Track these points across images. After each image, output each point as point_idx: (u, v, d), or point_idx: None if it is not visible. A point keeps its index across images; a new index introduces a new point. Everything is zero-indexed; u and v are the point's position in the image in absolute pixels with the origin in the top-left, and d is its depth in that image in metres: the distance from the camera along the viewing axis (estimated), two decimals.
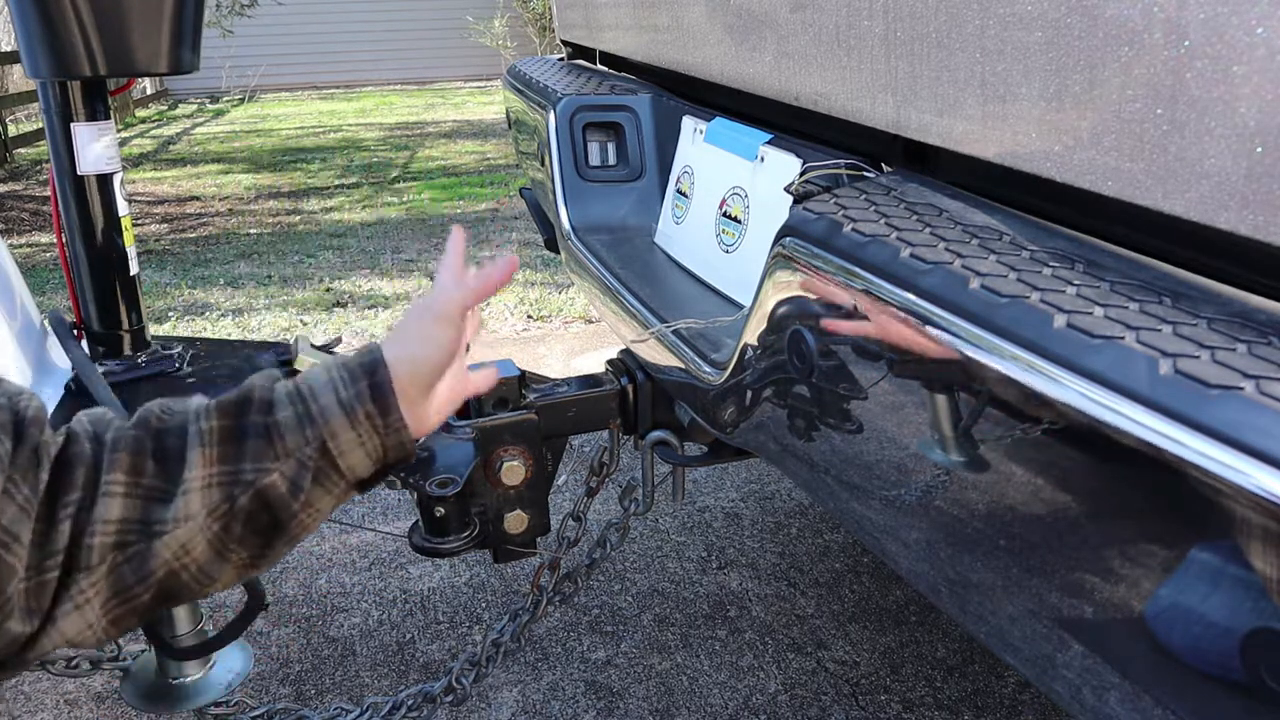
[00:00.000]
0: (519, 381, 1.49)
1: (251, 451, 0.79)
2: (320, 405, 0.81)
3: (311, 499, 0.81)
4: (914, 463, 0.82)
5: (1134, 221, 0.77)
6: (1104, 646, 0.66)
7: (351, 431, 0.81)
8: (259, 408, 0.81)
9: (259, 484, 0.79)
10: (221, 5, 10.98)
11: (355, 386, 0.82)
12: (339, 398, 0.81)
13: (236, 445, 0.79)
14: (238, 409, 0.81)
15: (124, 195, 1.34)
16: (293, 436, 0.80)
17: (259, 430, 0.80)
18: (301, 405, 0.81)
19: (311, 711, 1.60)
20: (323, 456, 0.81)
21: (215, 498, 0.78)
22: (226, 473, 0.79)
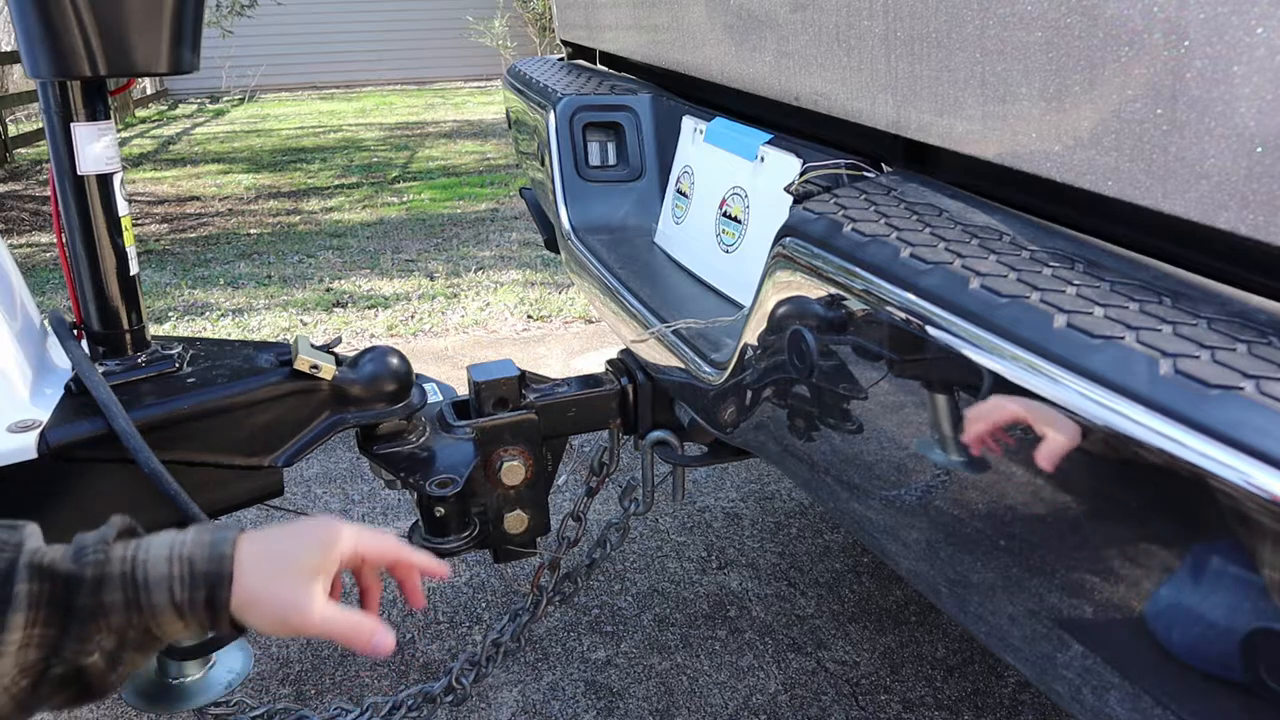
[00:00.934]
0: (519, 381, 1.49)
1: (75, 632, 0.77)
2: (152, 601, 0.79)
3: (128, 663, 0.80)
4: (914, 463, 0.82)
5: (1134, 221, 0.77)
6: (1104, 646, 0.66)
7: (178, 623, 0.80)
8: (90, 588, 0.78)
9: (78, 663, 0.77)
10: (221, 5, 10.98)
11: (191, 594, 0.80)
12: (173, 599, 0.80)
13: (61, 620, 0.77)
14: (68, 585, 0.77)
15: (124, 195, 1.34)
16: (118, 618, 0.78)
17: (86, 613, 0.77)
18: (133, 592, 0.79)
19: (311, 711, 1.60)
20: (145, 634, 0.80)
21: (30, 658, 0.75)
22: (48, 639, 0.76)
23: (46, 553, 0.78)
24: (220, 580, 0.81)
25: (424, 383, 1.55)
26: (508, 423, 1.46)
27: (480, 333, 4.06)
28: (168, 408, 1.28)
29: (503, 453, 1.46)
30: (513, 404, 1.48)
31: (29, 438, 1.17)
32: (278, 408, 1.36)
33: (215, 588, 0.80)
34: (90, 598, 0.77)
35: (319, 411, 1.40)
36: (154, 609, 0.79)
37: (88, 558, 0.79)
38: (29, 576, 0.76)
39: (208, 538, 0.83)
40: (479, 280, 4.71)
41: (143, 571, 0.79)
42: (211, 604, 0.80)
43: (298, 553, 0.85)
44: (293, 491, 2.70)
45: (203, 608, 0.80)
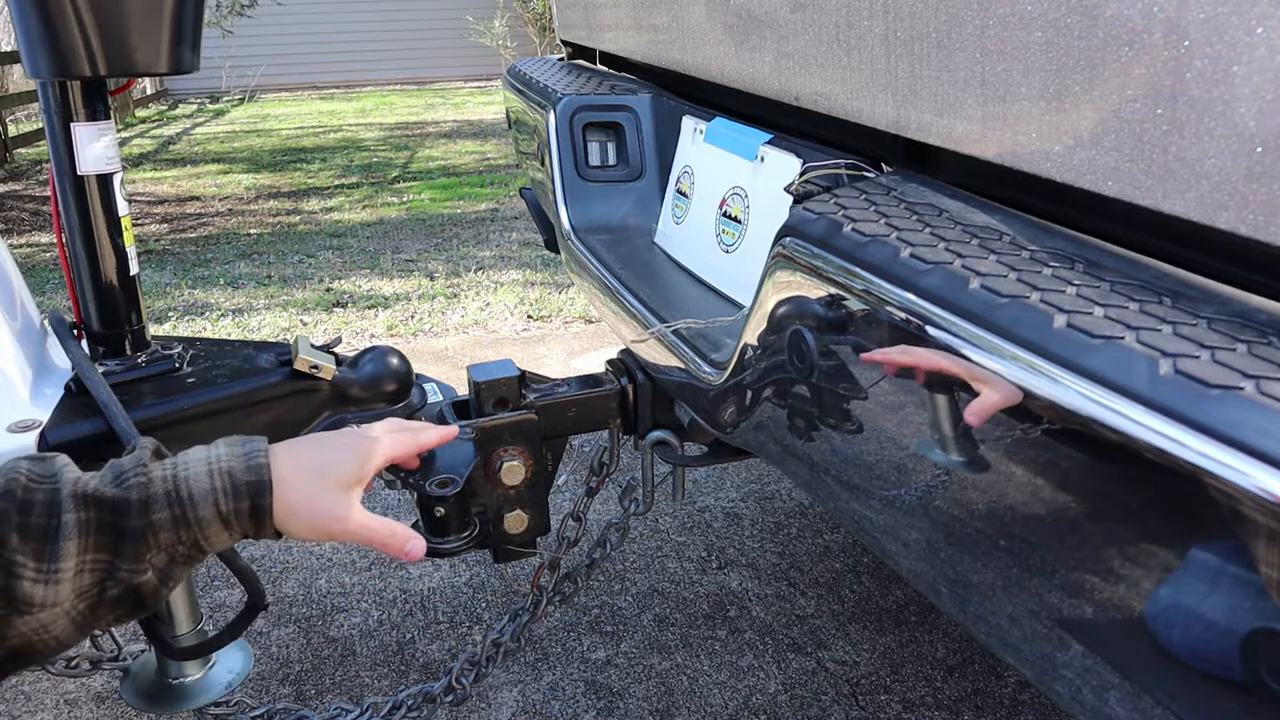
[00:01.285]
0: (519, 381, 1.49)
1: (128, 552, 0.79)
2: (198, 514, 0.82)
3: (178, 576, 0.83)
4: (914, 463, 0.82)
5: (1134, 221, 0.77)
6: (1104, 646, 0.66)
7: (225, 533, 0.83)
8: (137, 509, 0.80)
9: (132, 581, 0.80)
10: (221, 5, 10.98)
11: (236, 504, 0.83)
12: (218, 510, 0.82)
13: (113, 542, 0.79)
14: (115, 509, 0.80)
15: (124, 195, 1.34)
16: (167, 535, 0.81)
17: (136, 533, 0.80)
18: (179, 509, 0.81)
19: (311, 711, 1.60)
20: (192, 547, 0.82)
21: (86, 582, 0.78)
22: (101, 563, 0.78)
23: (88, 480, 0.80)
24: (262, 488, 0.83)
25: (424, 383, 1.55)
26: (508, 423, 1.46)
27: (480, 333, 4.06)
28: (168, 408, 1.28)
29: (503, 453, 1.45)
30: (513, 404, 1.48)
31: (29, 438, 1.17)
32: (278, 408, 1.36)
33: (258, 495, 0.83)
34: (139, 518, 0.80)
35: (319, 411, 1.40)
36: (201, 522, 0.82)
37: (129, 480, 0.81)
38: (74, 506, 0.78)
39: (240, 449, 0.86)
40: (479, 280, 4.71)
41: (186, 488, 0.82)
42: (256, 512, 0.83)
43: (335, 465, 0.89)
44: None
45: (247, 516, 0.83)
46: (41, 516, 0.77)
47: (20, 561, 0.75)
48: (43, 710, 1.93)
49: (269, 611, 2.21)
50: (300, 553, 2.45)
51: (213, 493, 0.82)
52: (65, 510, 0.78)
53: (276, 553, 2.46)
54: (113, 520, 0.79)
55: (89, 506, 0.79)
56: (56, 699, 1.95)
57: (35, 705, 1.94)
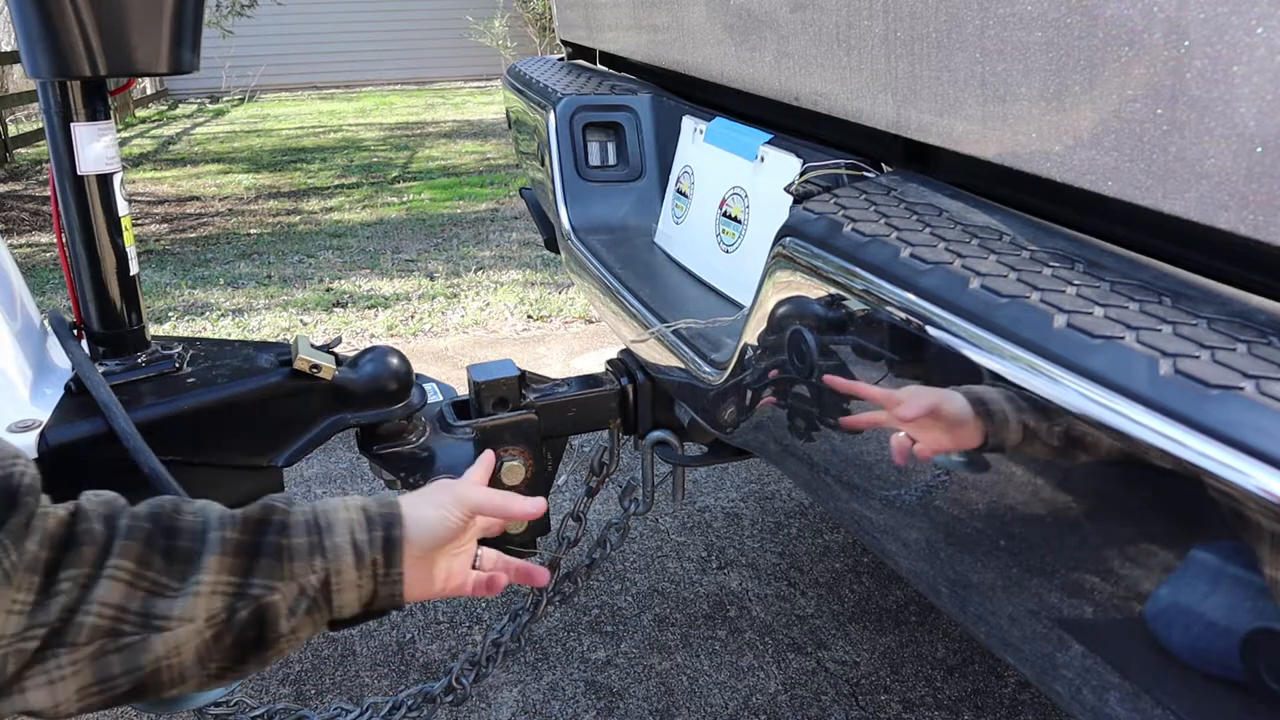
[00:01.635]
0: (519, 381, 1.49)
1: (263, 569, 0.82)
2: (334, 541, 0.85)
3: (297, 627, 0.84)
4: (914, 463, 0.82)
5: (1134, 221, 0.77)
6: (1104, 646, 0.66)
7: (355, 572, 0.85)
8: (276, 528, 0.84)
9: (262, 601, 0.82)
10: (221, 5, 10.98)
11: (370, 533, 0.87)
12: (353, 539, 0.86)
13: (250, 560, 0.82)
14: (257, 526, 0.84)
15: (124, 195, 1.34)
16: (301, 563, 0.83)
17: (273, 549, 0.83)
18: (316, 536, 0.85)
19: (311, 711, 1.60)
20: (321, 589, 0.84)
21: (217, 605, 0.80)
22: (234, 584, 0.81)
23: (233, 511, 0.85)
24: (394, 520, 0.88)
25: (424, 383, 1.55)
26: (508, 423, 1.46)
27: (480, 333, 4.06)
28: (168, 408, 1.28)
29: (503, 453, 1.46)
30: (513, 404, 1.48)
31: (29, 438, 1.17)
32: (278, 408, 1.36)
33: (390, 526, 0.87)
34: (277, 536, 0.84)
35: (319, 411, 1.40)
36: (336, 549, 0.85)
37: (271, 503, 0.86)
38: (220, 524, 0.83)
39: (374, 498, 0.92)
40: (479, 280, 4.71)
41: (324, 518, 0.86)
42: (388, 544, 0.87)
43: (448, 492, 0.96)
44: (293, 491, 2.70)
45: (380, 546, 0.86)
46: (187, 540, 0.81)
47: (164, 582, 0.78)
48: None
49: None
50: None
51: (348, 524, 0.86)
52: (212, 529, 0.82)
53: None
54: (252, 539, 0.83)
55: (232, 526, 0.83)
56: None
57: None
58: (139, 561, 0.78)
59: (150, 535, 0.79)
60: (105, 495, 0.82)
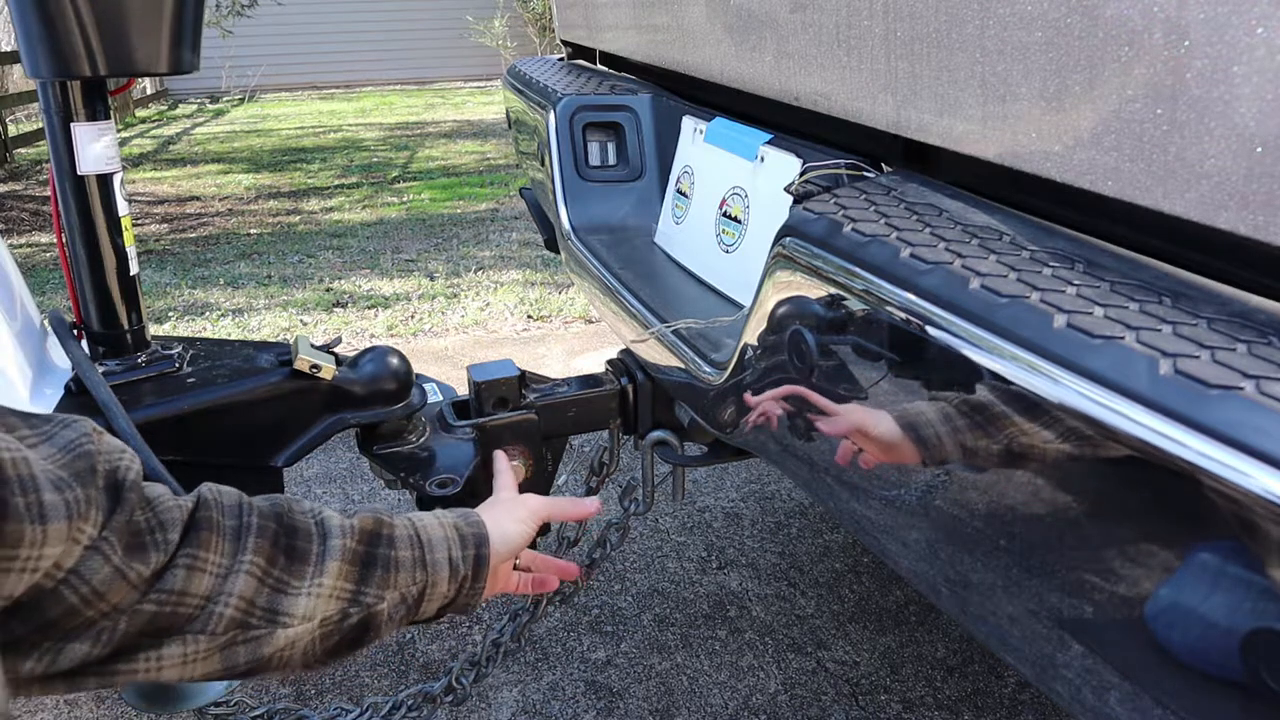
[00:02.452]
0: (519, 381, 1.49)
1: (376, 579, 0.88)
2: (434, 557, 0.92)
3: (389, 630, 0.91)
4: (914, 463, 0.82)
5: (1134, 221, 0.77)
6: (1104, 646, 0.66)
7: (447, 585, 0.93)
8: (386, 541, 0.90)
9: (372, 609, 0.87)
10: (221, 5, 10.98)
11: (464, 551, 0.95)
12: (449, 555, 0.93)
13: (365, 569, 0.88)
14: (371, 538, 0.89)
15: (124, 195, 1.34)
16: (405, 575, 0.90)
17: (385, 561, 0.89)
18: (419, 551, 0.91)
19: (311, 711, 1.60)
20: (417, 598, 0.91)
21: (333, 608, 0.85)
22: (350, 590, 0.86)
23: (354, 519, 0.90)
24: (483, 540, 0.96)
25: (424, 383, 1.55)
26: (508, 423, 1.46)
27: (480, 333, 4.06)
28: (168, 408, 1.28)
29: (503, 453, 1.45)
30: (513, 404, 1.48)
31: None
32: (278, 408, 1.36)
33: (481, 546, 0.96)
34: (388, 549, 0.89)
35: (319, 411, 1.40)
36: (435, 565, 0.92)
37: (381, 518, 0.92)
38: (342, 534, 0.87)
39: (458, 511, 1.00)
40: (479, 280, 4.71)
41: (425, 534, 0.93)
42: (478, 561, 0.95)
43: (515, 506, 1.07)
44: (293, 491, 2.70)
45: (471, 563, 0.94)
46: (306, 541, 0.85)
47: (287, 580, 0.82)
48: (43, 710, 1.93)
49: None
50: None
51: (445, 541, 0.93)
52: (333, 536, 0.87)
53: None
54: (367, 550, 0.88)
55: (352, 535, 0.88)
56: (56, 699, 1.95)
57: (36, 705, 1.94)
58: (268, 559, 0.82)
59: (276, 534, 0.83)
60: (225, 488, 0.86)
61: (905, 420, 0.82)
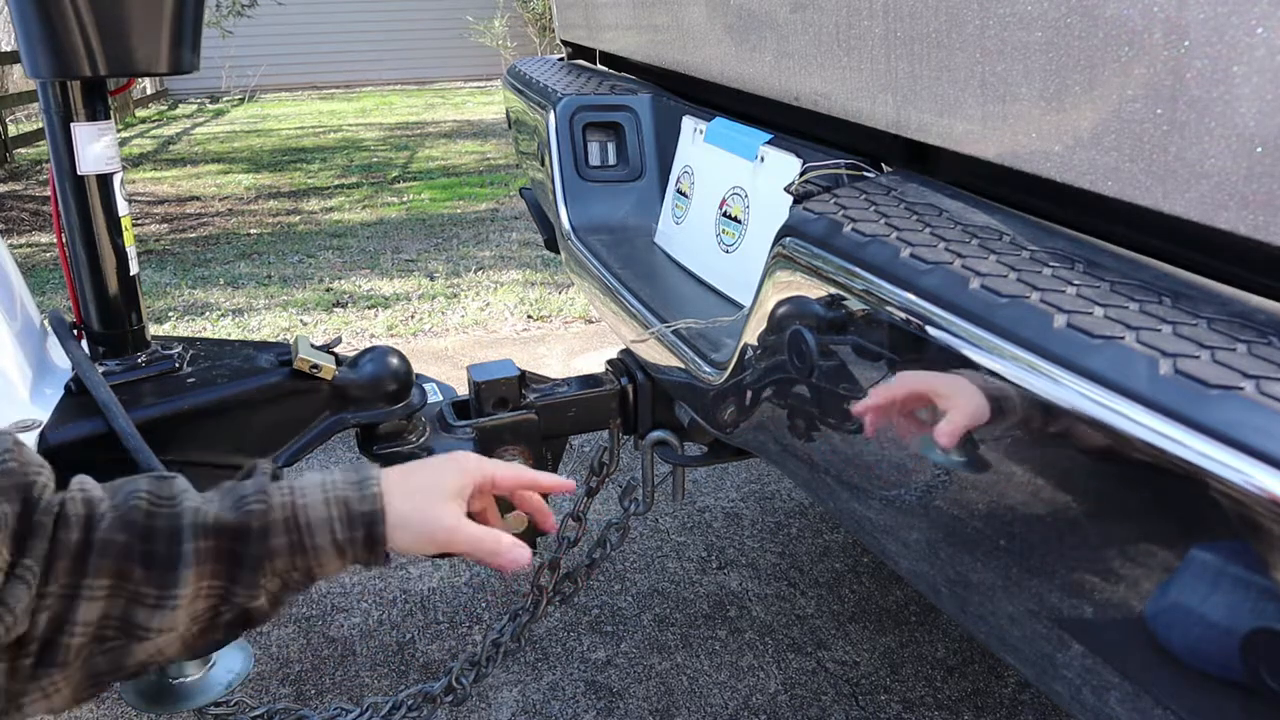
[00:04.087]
0: (519, 381, 1.49)
1: (245, 579, 0.81)
2: (315, 543, 0.84)
3: (286, 601, 0.85)
4: (914, 463, 0.82)
5: (1134, 221, 0.77)
6: (1104, 646, 0.66)
7: (338, 562, 0.85)
8: (257, 536, 0.82)
9: (247, 605, 0.82)
10: (221, 5, 10.98)
11: (352, 533, 0.85)
12: (334, 539, 0.84)
13: (231, 569, 0.81)
14: (236, 535, 0.81)
15: (124, 195, 1.34)
16: (283, 562, 0.83)
17: (255, 560, 0.81)
18: (296, 535, 0.83)
19: (311, 711, 1.60)
20: (304, 576, 0.84)
21: (200, 607, 0.80)
22: (217, 589, 0.80)
23: (207, 509, 0.81)
24: (376, 517, 0.85)
25: (424, 383, 1.55)
26: (508, 423, 1.46)
27: (480, 333, 4.06)
28: (168, 408, 1.28)
29: (503, 452, 1.46)
30: (513, 404, 1.48)
31: (29, 438, 1.17)
32: (278, 408, 1.36)
33: (372, 525, 0.85)
34: (258, 545, 0.81)
35: (319, 411, 1.40)
36: (317, 550, 0.84)
37: (250, 507, 0.82)
38: (194, 535, 0.79)
39: (355, 477, 0.88)
40: (479, 280, 4.71)
41: (304, 515, 0.83)
42: (369, 541, 0.85)
43: (438, 479, 0.92)
44: None
45: (362, 544, 0.85)
46: (163, 545, 0.78)
47: (144, 592, 0.77)
48: None
49: None
50: None
51: (329, 521, 0.84)
52: (186, 539, 0.79)
53: None
54: (231, 547, 0.81)
55: (209, 535, 0.80)
56: None
57: None
58: (117, 577, 0.76)
59: (126, 548, 0.77)
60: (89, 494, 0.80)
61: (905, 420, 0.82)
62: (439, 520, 0.89)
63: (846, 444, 0.92)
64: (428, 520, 0.88)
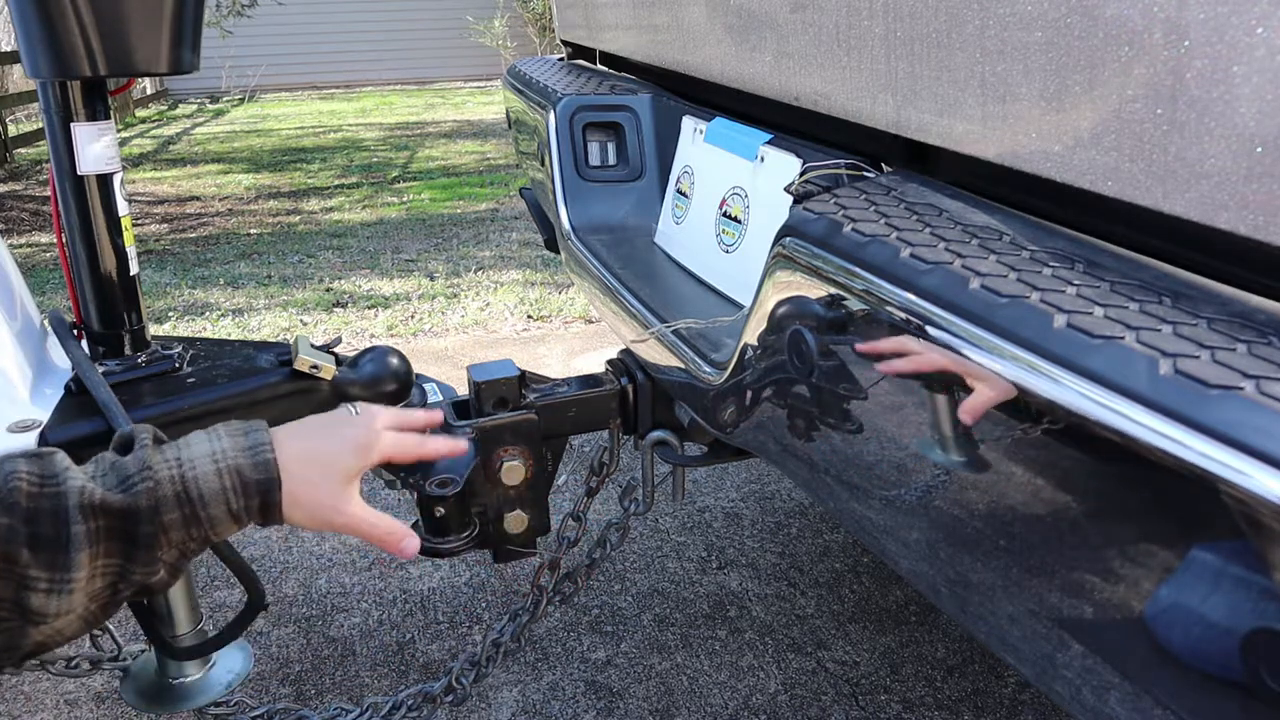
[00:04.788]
0: (519, 381, 1.49)
1: (141, 557, 0.79)
2: (209, 514, 0.82)
3: (184, 569, 0.84)
4: (914, 463, 0.82)
5: (1134, 221, 0.77)
6: (1104, 646, 0.66)
7: (233, 526, 0.84)
8: (147, 515, 0.80)
9: (146, 580, 0.80)
10: (221, 5, 10.98)
11: (247, 501, 0.84)
12: (229, 508, 0.83)
13: (125, 548, 0.79)
14: (127, 515, 0.79)
15: (124, 195, 1.34)
16: (178, 533, 0.81)
17: (148, 539, 0.79)
18: (189, 508, 0.81)
19: (311, 711, 1.60)
20: (202, 542, 0.83)
21: (98, 586, 0.78)
22: (113, 567, 0.78)
23: (94, 488, 0.79)
24: (270, 485, 0.84)
25: (424, 383, 1.55)
26: (508, 423, 1.45)
27: (480, 333, 4.06)
28: (168, 408, 1.28)
29: (503, 453, 1.45)
30: (513, 404, 1.48)
31: (29, 438, 1.17)
32: (278, 408, 1.36)
33: (267, 493, 0.84)
34: (150, 524, 0.79)
35: (319, 411, 1.39)
36: (212, 520, 0.82)
37: (137, 485, 0.80)
38: (83, 516, 0.77)
39: (245, 442, 0.86)
40: (479, 280, 4.71)
41: (195, 488, 0.82)
42: (265, 508, 0.84)
43: (337, 456, 0.90)
44: None
45: (257, 512, 0.84)
46: (49, 527, 0.75)
47: (33, 575, 0.74)
48: (43, 710, 1.93)
49: (269, 611, 2.21)
50: (300, 553, 2.45)
51: (222, 492, 0.82)
52: (74, 521, 0.76)
53: (276, 553, 2.46)
54: (123, 527, 0.79)
55: (98, 515, 0.78)
56: (56, 699, 1.95)
57: (35, 705, 1.94)
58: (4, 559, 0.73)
59: (10, 530, 0.74)
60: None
61: (905, 420, 0.82)
62: (334, 504, 0.88)
63: (846, 444, 0.92)
64: (322, 504, 0.88)
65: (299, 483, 0.86)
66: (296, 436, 0.90)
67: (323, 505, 0.88)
